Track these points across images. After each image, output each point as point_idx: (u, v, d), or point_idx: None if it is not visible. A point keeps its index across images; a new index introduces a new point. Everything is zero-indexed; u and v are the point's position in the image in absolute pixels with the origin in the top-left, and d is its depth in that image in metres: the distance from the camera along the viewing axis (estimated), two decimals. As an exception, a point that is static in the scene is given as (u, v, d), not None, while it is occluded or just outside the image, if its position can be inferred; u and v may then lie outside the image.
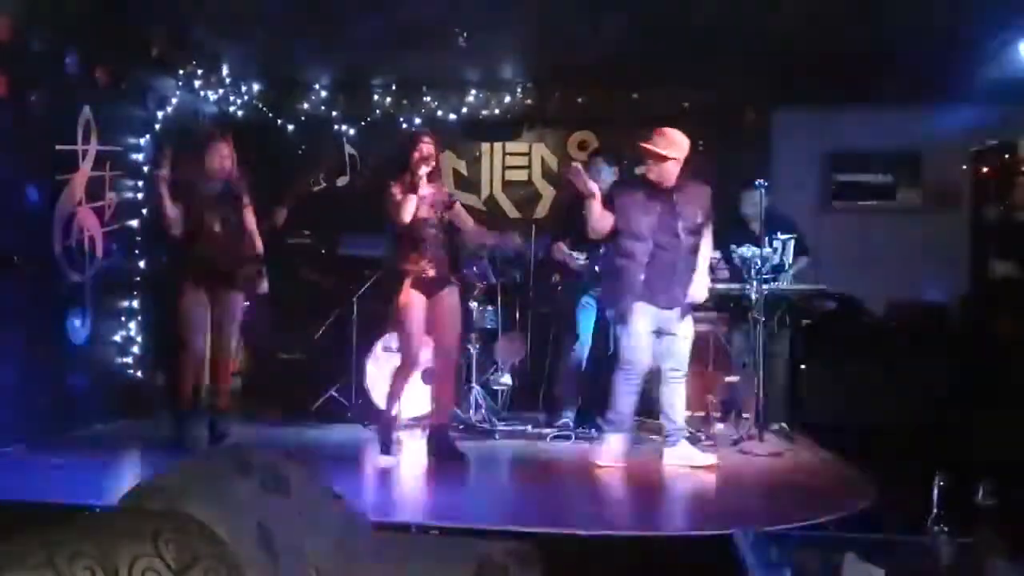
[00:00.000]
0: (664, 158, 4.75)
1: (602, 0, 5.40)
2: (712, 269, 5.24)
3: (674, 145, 4.79)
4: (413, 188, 4.75)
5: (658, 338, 4.84)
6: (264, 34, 6.27)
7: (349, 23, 5.82)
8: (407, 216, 4.72)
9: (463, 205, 5.26)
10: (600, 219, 4.79)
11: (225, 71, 6.99)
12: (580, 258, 5.74)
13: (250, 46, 6.70)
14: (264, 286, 5.33)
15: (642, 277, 4.74)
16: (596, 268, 5.45)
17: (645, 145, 4.81)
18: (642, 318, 4.75)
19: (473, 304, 6.17)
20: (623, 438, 4.83)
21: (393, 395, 5.01)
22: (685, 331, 4.88)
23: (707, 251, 4.96)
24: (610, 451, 4.80)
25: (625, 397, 4.79)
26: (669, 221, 4.75)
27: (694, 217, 4.79)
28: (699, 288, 4.88)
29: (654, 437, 5.61)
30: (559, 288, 6.11)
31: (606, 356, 5.29)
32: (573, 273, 5.86)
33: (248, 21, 5.98)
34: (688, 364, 4.93)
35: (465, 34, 5.64)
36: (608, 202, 4.81)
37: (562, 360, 6.02)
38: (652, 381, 4.98)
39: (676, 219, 4.75)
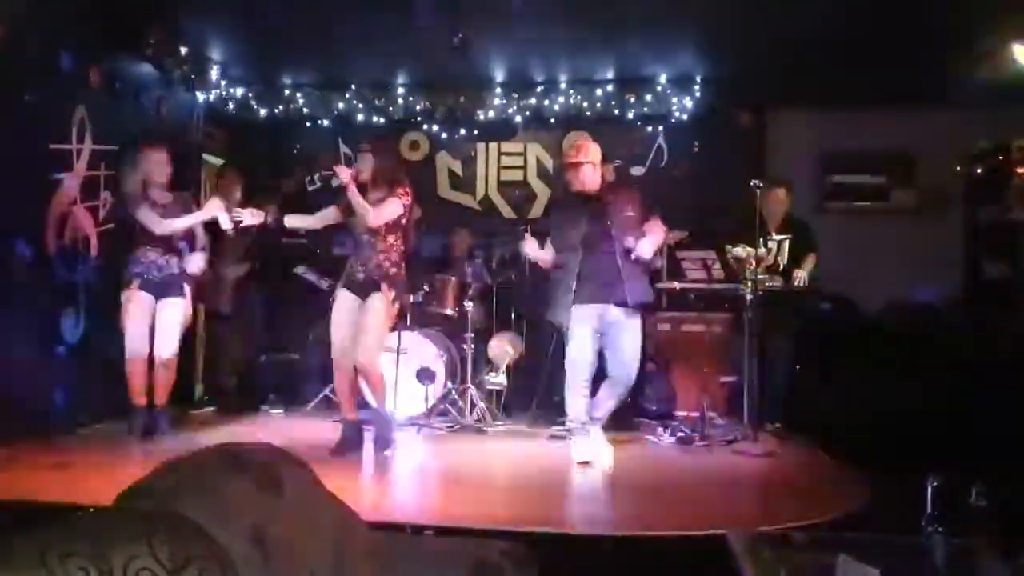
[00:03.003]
0: (580, 165, 4.86)
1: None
2: (707, 268, 5.25)
3: (588, 152, 4.90)
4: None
5: (603, 337, 4.85)
6: (258, 32, 6.28)
7: (345, 23, 5.83)
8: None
9: (458, 204, 5.26)
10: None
11: (218, 69, 6.99)
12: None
13: (244, 44, 6.72)
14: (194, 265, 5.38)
15: (576, 283, 4.80)
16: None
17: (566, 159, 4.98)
18: (582, 319, 4.81)
19: (468, 304, 6.18)
20: (589, 438, 4.85)
21: (342, 393, 5.08)
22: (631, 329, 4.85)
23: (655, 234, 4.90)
24: (581, 450, 4.82)
25: (574, 399, 4.84)
26: (600, 226, 4.81)
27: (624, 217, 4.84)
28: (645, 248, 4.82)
29: (648, 437, 5.63)
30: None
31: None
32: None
33: (244, 19, 5.99)
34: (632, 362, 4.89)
35: (460, 35, 5.64)
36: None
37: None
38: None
39: (607, 222, 4.81)
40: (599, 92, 7.20)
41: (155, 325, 5.22)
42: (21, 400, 4.93)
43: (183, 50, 6.45)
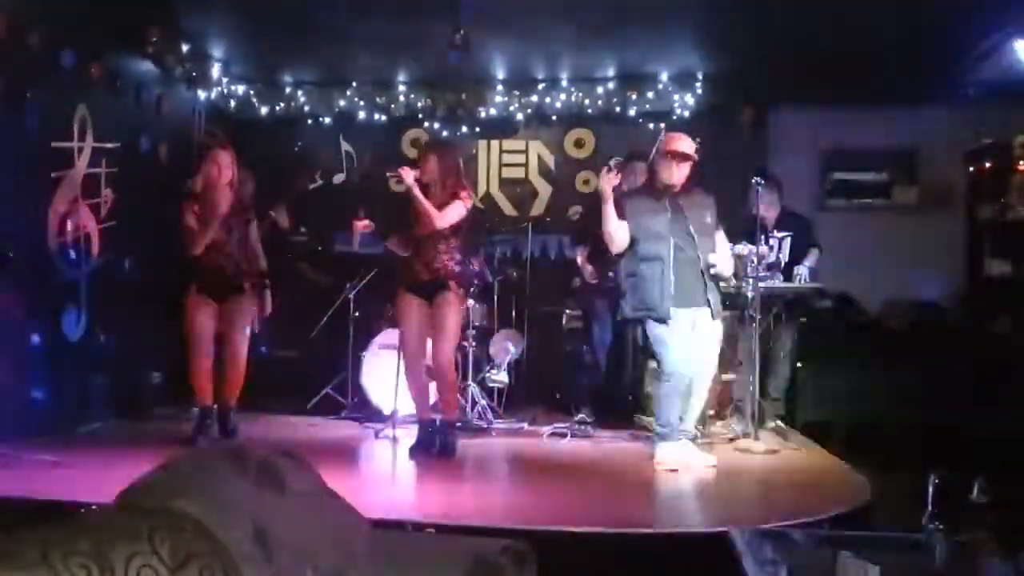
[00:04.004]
0: (688, 159, 4.74)
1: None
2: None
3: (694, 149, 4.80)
4: None
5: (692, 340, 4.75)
6: (259, 30, 6.28)
7: (346, 20, 5.83)
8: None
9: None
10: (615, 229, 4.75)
11: (219, 67, 7.00)
12: (588, 273, 5.88)
13: (245, 42, 6.72)
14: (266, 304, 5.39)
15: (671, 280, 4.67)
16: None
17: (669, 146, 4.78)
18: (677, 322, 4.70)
19: (470, 301, 6.18)
20: (676, 444, 4.74)
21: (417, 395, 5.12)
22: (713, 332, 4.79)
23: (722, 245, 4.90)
24: (665, 456, 4.73)
25: (673, 402, 4.75)
26: (683, 227, 4.69)
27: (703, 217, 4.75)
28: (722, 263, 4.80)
29: (648, 435, 5.63)
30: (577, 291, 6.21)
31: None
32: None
33: (245, 16, 5.99)
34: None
35: (462, 32, 5.63)
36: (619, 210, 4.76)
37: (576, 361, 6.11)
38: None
39: (686, 221, 4.70)
40: (600, 89, 7.19)
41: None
42: (22, 398, 4.93)
43: (184, 48, 6.45)
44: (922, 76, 6.18)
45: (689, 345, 4.69)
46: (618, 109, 7.22)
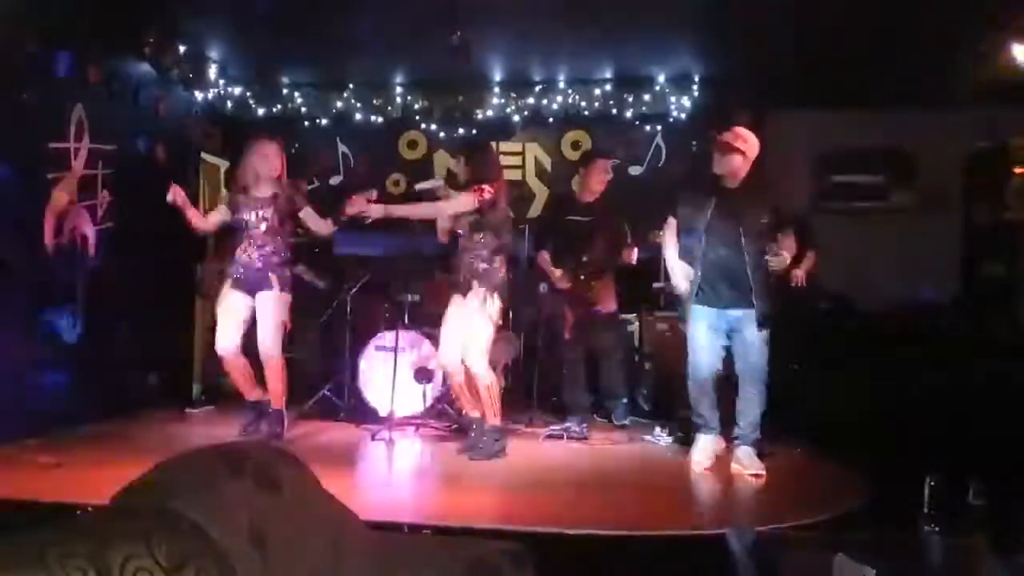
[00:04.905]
0: (734, 150, 4.65)
1: None
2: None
3: (747, 142, 4.70)
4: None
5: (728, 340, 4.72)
6: (256, 32, 6.28)
7: (343, 21, 5.82)
8: None
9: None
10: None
11: (216, 68, 6.99)
12: (557, 276, 5.83)
13: (242, 43, 6.71)
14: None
15: (699, 277, 4.65)
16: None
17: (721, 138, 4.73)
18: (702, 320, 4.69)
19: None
20: (710, 438, 4.79)
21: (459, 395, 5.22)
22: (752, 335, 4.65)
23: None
24: (699, 452, 4.77)
25: (697, 399, 4.78)
26: (729, 220, 4.59)
27: (757, 217, 4.62)
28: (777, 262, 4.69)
29: (646, 436, 5.63)
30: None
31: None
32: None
33: (242, 18, 5.99)
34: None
35: (459, 34, 5.64)
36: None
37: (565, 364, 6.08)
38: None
39: (737, 218, 4.59)
40: (597, 92, 7.20)
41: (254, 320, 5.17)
42: (19, 400, 4.93)
43: (181, 49, 6.45)
44: (920, 79, 6.19)
45: (711, 346, 4.67)
46: (615, 111, 7.23)
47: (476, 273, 4.88)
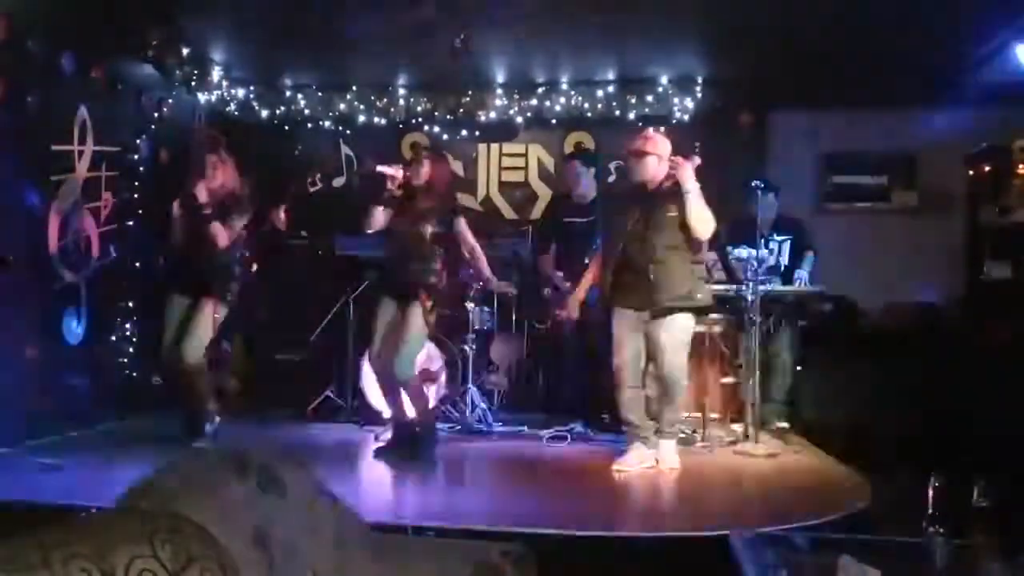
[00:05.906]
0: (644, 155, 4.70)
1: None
2: (708, 270, 5.20)
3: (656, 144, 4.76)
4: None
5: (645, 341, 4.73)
6: (260, 33, 6.28)
7: (346, 23, 5.83)
8: None
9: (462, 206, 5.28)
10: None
11: (219, 70, 7.00)
12: (559, 279, 5.84)
13: (246, 45, 6.72)
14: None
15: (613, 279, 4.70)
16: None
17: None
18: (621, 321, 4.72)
19: (469, 305, 6.17)
20: (635, 444, 4.75)
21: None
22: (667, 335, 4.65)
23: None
24: (626, 456, 4.75)
25: (620, 402, 4.78)
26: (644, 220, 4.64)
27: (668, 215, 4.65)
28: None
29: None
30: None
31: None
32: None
33: (245, 20, 5.99)
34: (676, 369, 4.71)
35: (462, 36, 5.64)
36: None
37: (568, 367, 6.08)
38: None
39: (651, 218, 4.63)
40: (600, 93, 7.20)
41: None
42: (22, 401, 4.93)
43: (185, 51, 6.45)
44: (922, 79, 6.18)
45: (627, 345, 4.68)
46: (618, 112, 7.22)
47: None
